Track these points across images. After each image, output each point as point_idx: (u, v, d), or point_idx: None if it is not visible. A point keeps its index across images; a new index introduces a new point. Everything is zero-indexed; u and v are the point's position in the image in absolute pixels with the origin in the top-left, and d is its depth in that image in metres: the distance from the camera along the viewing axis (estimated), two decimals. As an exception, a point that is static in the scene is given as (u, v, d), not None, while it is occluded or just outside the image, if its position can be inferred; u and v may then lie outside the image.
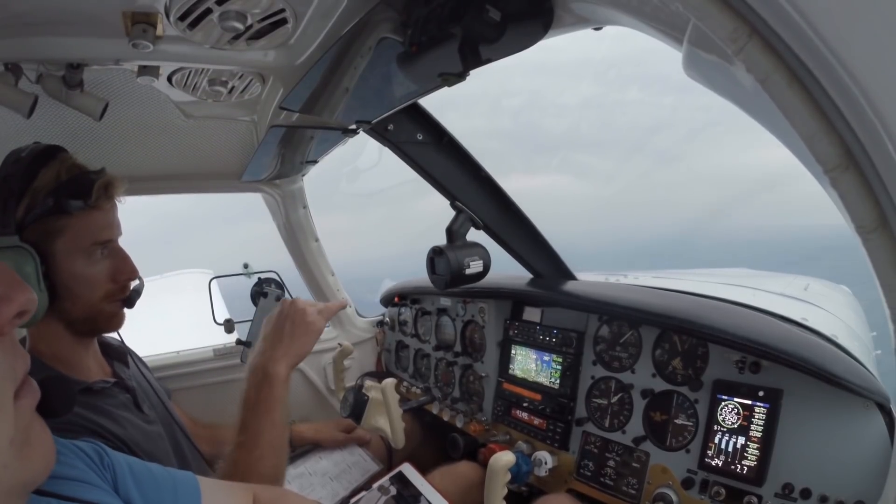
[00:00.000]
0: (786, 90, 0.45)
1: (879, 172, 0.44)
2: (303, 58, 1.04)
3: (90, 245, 1.06)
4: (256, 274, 1.85)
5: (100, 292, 1.09)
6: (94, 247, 1.07)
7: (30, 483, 0.51)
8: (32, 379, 0.52)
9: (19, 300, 0.47)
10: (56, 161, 1.04)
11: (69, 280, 1.04)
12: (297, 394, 2.13)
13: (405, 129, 1.36)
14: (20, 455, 0.48)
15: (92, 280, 1.08)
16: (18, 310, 0.47)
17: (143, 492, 0.73)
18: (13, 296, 0.47)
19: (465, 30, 0.74)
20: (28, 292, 0.48)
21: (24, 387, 0.50)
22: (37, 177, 1.01)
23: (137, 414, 1.17)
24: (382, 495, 1.46)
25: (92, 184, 1.05)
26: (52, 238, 1.02)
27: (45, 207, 1.00)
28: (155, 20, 0.85)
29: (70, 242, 1.03)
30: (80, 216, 1.04)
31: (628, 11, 0.61)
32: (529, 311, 1.67)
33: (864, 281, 0.57)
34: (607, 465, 1.35)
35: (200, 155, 1.59)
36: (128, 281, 1.14)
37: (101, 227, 1.08)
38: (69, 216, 1.02)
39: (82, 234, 1.05)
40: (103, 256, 1.10)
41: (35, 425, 0.51)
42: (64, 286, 1.04)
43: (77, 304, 1.07)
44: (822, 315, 2.05)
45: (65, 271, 1.03)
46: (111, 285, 1.11)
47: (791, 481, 1.00)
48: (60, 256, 1.03)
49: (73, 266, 1.05)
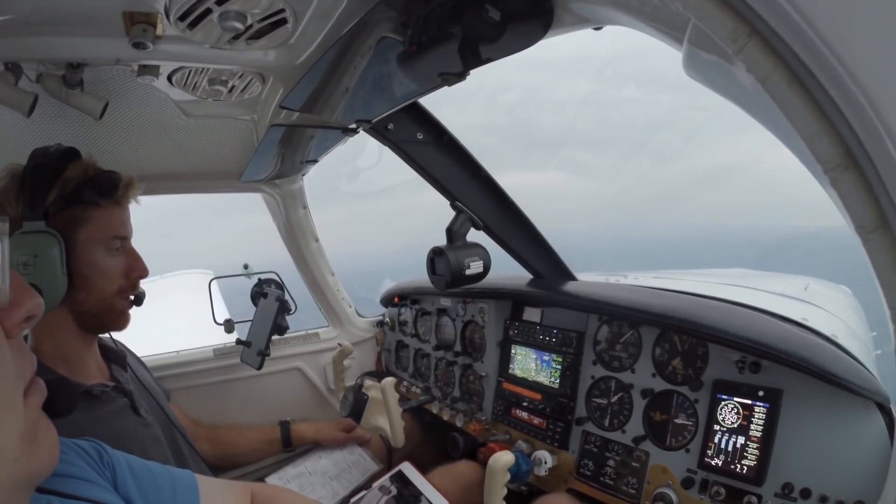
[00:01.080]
0: (786, 90, 0.45)
1: (879, 172, 0.44)
2: (303, 57, 1.04)
3: (111, 238, 1.12)
4: (256, 274, 1.86)
5: (114, 286, 1.13)
6: (114, 240, 1.12)
7: (36, 477, 0.53)
8: (40, 378, 0.54)
9: (27, 305, 0.50)
10: (82, 159, 1.11)
11: (87, 269, 1.09)
12: (297, 393, 2.13)
13: (405, 129, 1.36)
14: (28, 450, 0.50)
15: (108, 272, 1.12)
16: (27, 314, 0.50)
17: (143, 490, 0.73)
18: (22, 301, 0.50)
19: (465, 29, 0.74)
20: (36, 298, 0.51)
21: (33, 385, 0.52)
22: (66, 169, 1.07)
23: (135, 419, 1.17)
24: (382, 495, 1.46)
25: (118, 181, 1.12)
26: (77, 227, 1.07)
27: (74, 197, 1.05)
28: (155, 20, 0.85)
29: (93, 233, 1.09)
30: (106, 209, 1.10)
31: (628, 11, 0.61)
32: (529, 311, 1.67)
33: (864, 281, 0.57)
34: (607, 464, 1.35)
35: (200, 155, 1.59)
36: (139, 279, 1.19)
37: (122, 222, 1.14)
38: (96, 207, 1.09)
39: (105, 227, 1.10)
40: (119, 252, 1.14)
41: (42, 422, 0.53)
42: (82, 275, 1.08)
43: (91, 295, 1.10)
44: (822, 315, 2.05)
45: (85, 260, 1.08)
46: (124, 281, 1.15)
47: (791, 481, 1.00)
48: (82, 245, 1.08)
49: (94, 256, 1.09)
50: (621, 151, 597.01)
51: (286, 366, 2.10)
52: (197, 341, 2.00)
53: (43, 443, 0.52)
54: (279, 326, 1.71)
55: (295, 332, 2.11)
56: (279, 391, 2.08)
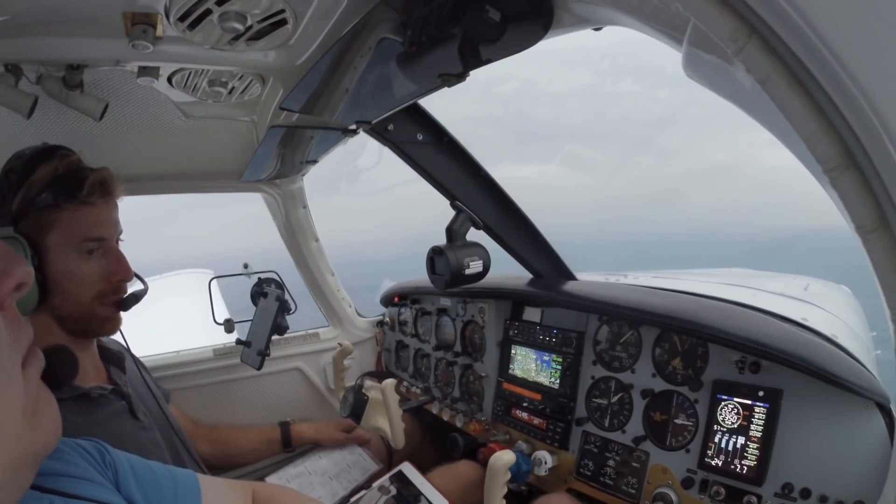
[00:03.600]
0: (785, 90, 0.45)
1: (879, 172, 0.44)
2: (303, 58, 1.04)
3: (81, 241, 1.05)
4: (256, 274, 1.86)
5: (91, 291, 1.08)
6: (86, 243, 1.06)
7: (40, 453, 0.51)
8: (37, 347, 0.52)
9: (17, 273, 0.48)
10: (56, 158, 1.05)
11: (59, 276, 1.03)
12: (297, 393, 2.13)
13: (405, 129, 1.36)
14: (32, 425, 0.48)
15: (82, 278, 1.06)
16: (16, 282, 0.48)
17: (144, 490, 0.73)
18: (11, 269, 0.48)
19: (465, 30, 0.74)
20: (25, 265, 0.49)
21: (30, 355, 0.50)
22: (35, 171, 1.02)
23: (133, 422, 1.16)
24: (382, 495, 1.46)
25: (85, 179, 1.05)
26: (45, 231, 1.02)
27: (40, 200, 1.01)
28: (155, 21, 0.85)
29: (62, 237, 1.03)
30: (73, 210, 1.04)
31: (628, 12, 0.61)
32: (529, 311, 1.67)
33: (864, 281, 0.57)
34: (607, 464, 1.35)
35: (200, 155, 1.59)
36: (121, 282, 1.12)
37: (94, 223, 1.07)
38: (61, 210, 1.02)
39: (74, 229, 1.04)
40: (96, 255, 1.08)
41: (42, 394, 0.52)
42: (54, 281, 1.03)
43: (67, 301, 1.06)
44: (822, 315, 2.05)
45: (57, 266, 1.03)
46: (104, 285, 1.09)
47: (791, 481, 1.00)
48: (53, 251, 1.02)
49: (65, 262, 1.04)
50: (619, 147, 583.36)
51: (286, 366, 2.10)
52: (196, 341, 2.00)
53: (46, 416, 0.51)
54: (279, 326, 1.71)
55: (295, 332, 2.11)
56: (279, 391, 2.08)
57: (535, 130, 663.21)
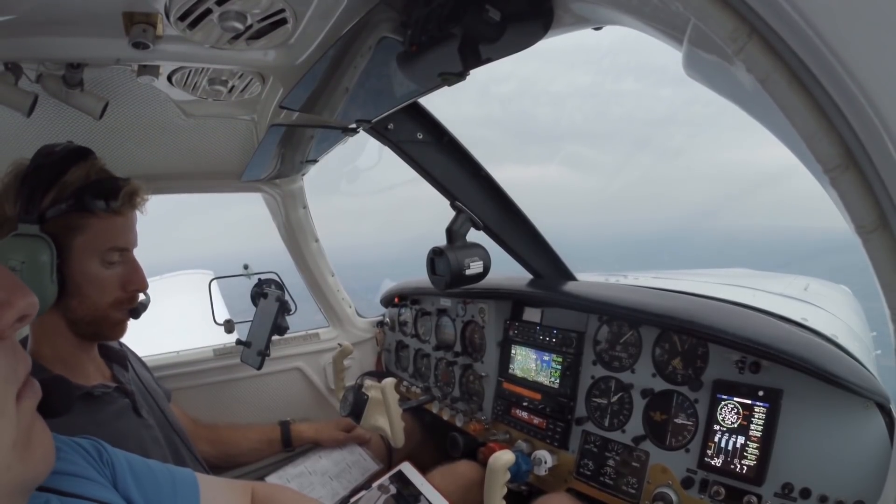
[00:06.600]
0: (786, 90, 0.45)
1: (879, 172, 0.44)
2: (303, 57, 1.04)
3: (107, 249, 1.07)
4: (257, 275, 1.85)
5: (109, 298, 1.10)
6: (111, 252, 1.08)
7: (31, 482, 0.51)
8: (34, 379, 0.52)
9: (20, 305, 0.48)
10: (87, 162, 1.06)
11: (81, 279, 1.05)
12: (297, 393, 2.13)
13: (405, 129, 1.36)
14: (22, 457, 0.48)
15: (103, 283, 1.08)
16: (19, 315, 0.48)
17: (143, 488, 0.73)
18: (14, 300, 0.47)
19: (465, 30, 0.74)
20: (29, 296, 0.48)
21: (26, 387, 0.50)
22: (67, 172, 1.03)
23: (136, 420, 1.17)
24: (382, 494, 1.46)
25: (119, 189, 1.06)
26: (72, 234, 1.03)
27: (71, 203, 1.01)
28: (155, 20, 0.85)
29: (88, 242, 1.04)
30: (103, 218, 1.05)
31: (628, 11, 0.61)
32: (529, 311, 1.67)
33: (864, 281, 0.57)
34: (607, 464, 1.35)
35: (200, 154, 1.59)
36: (137, 291, 1.15)
37: (121, 233, 1.09)
38: (92, 216, 1.04)
39: (102, 237, 1.06)
40: (117, 263, 1.10)
41: (36, 425, 0.51)
42: (75, 283, 1.04)
43: (84, 304, 1.07)
44: (822, 315, 2.05)
45: (78, 269, 1.04)
46: (120, 293, 1.11)
47: (791, 481, 1.00)
48: (77, 254, 1.04)
49: (88, 266, 1.05)
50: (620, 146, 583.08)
51: (286, 366, 2.10)
52: (196, 342, 2.00)
53: (38, 447, 0.50)
54: (279, 327, 1.71)
55: (295, 333, 2.11)
56: (279, 391, 2.08)
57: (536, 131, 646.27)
